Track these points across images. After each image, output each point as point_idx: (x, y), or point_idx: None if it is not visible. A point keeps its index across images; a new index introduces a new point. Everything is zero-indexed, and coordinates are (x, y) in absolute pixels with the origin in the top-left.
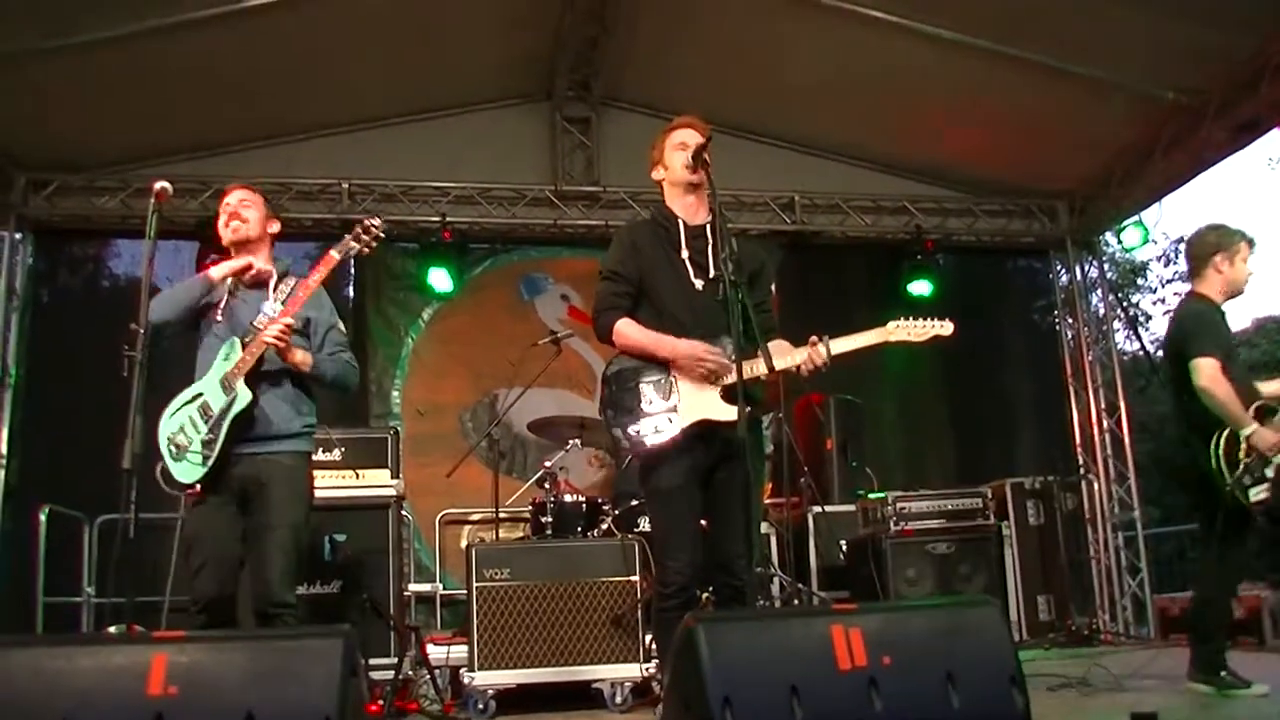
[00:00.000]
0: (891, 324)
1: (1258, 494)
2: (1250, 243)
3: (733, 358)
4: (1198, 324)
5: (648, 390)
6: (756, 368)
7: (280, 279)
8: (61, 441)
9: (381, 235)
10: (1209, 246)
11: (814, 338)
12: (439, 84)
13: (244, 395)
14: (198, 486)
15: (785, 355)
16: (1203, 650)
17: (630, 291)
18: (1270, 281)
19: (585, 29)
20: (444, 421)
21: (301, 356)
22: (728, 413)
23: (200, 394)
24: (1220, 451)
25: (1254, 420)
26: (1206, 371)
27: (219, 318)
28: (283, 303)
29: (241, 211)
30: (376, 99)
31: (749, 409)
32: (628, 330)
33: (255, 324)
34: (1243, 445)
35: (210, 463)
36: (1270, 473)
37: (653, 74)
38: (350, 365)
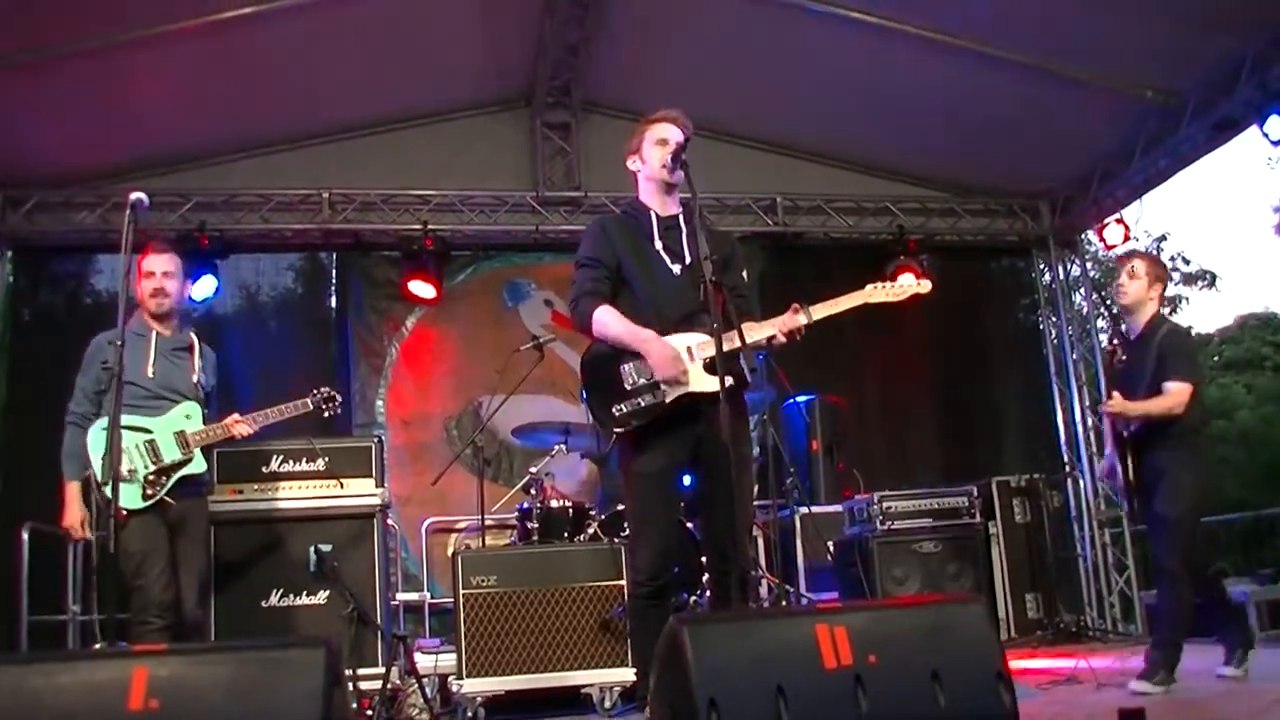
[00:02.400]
0: (870, 286)
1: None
2: (1118, 260)
3: (712, 333)
4: None
5: (629, 369)
6: (734, 341)
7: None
8: (44, 459)
9: (338, 411)
10: None
11: (795, 305)
12: (419, 92)
13: (200, 463)
14: (124, 511)
15: (759, 330)
16: None
17: (608, 277)
18: (1252, 279)
19: (565, 35)
20: (429, 430)
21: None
22: (711, 384)
23: (150, 432)
24: None
25: None
26: None
27: (150, 374)
28: (201, 366)
29: (166, 285)
30: (356, 107)
31: (731, 380)
32: (607, 319)
33: (199, 394)
34: None
35: (151, 501)
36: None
37: (633, 79)
38: None
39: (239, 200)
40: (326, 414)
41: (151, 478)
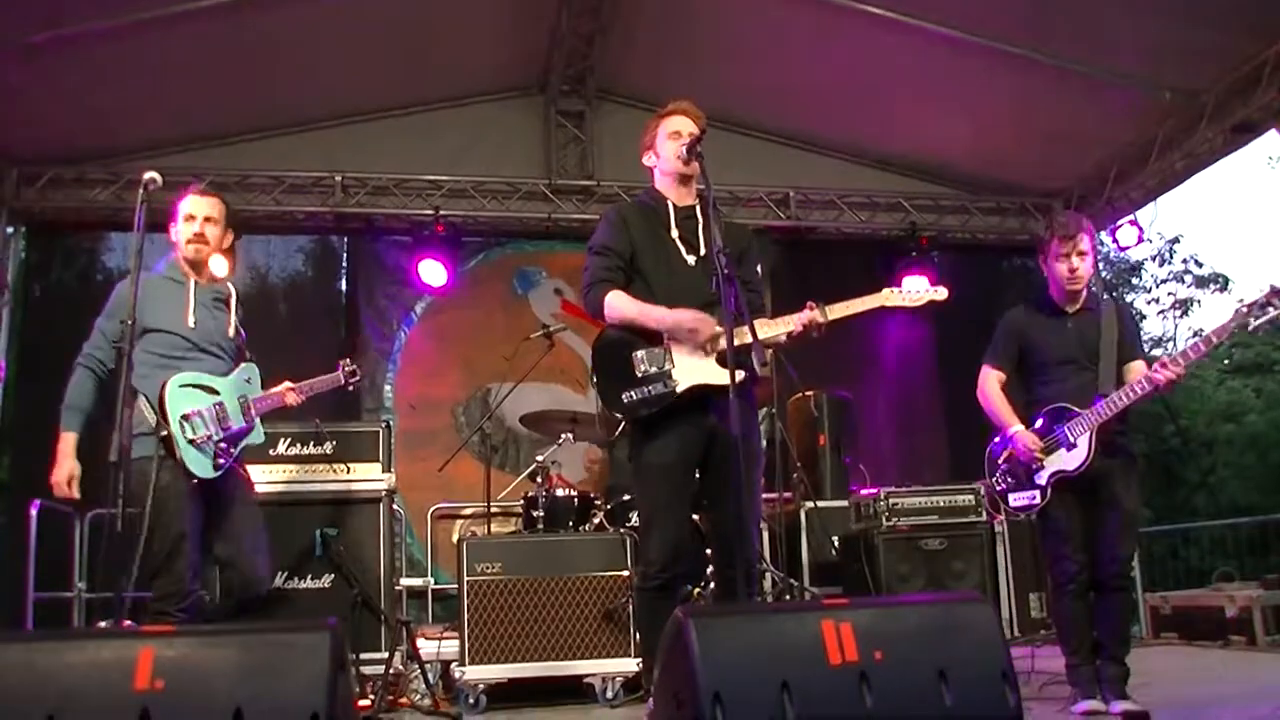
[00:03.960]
0: (887, 290)
1: (1019, 500)
2: (1063, 238)
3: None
4: (999, 329)
5: (641, 357)
6: (748, 335)
7: (231, 297)
8: (53, 436)
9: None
10: (1038, 247)
11: (810, 303)
12: (433, 77)
13: (260, 434)
14: (196, 479)
15: (775, 326)
16: None
17: (622, 266)
18: (1263, 283)
19: (581, 23)
20: (437, 416)
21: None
22: (725, 377)
23: (218, 394)
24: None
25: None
26: (979, 379)
27: (191, 324)
28: (238, 322)
29: (206, 231)
30: (371, 92)
31: (742, 373)
32: (619, 302)
33: (237, 344)
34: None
35: (220, 472)
36: (1042, 480)
37: (648, 68)
38: None
39: (251, 181)
40: (350, 387)
41: (223, 446)
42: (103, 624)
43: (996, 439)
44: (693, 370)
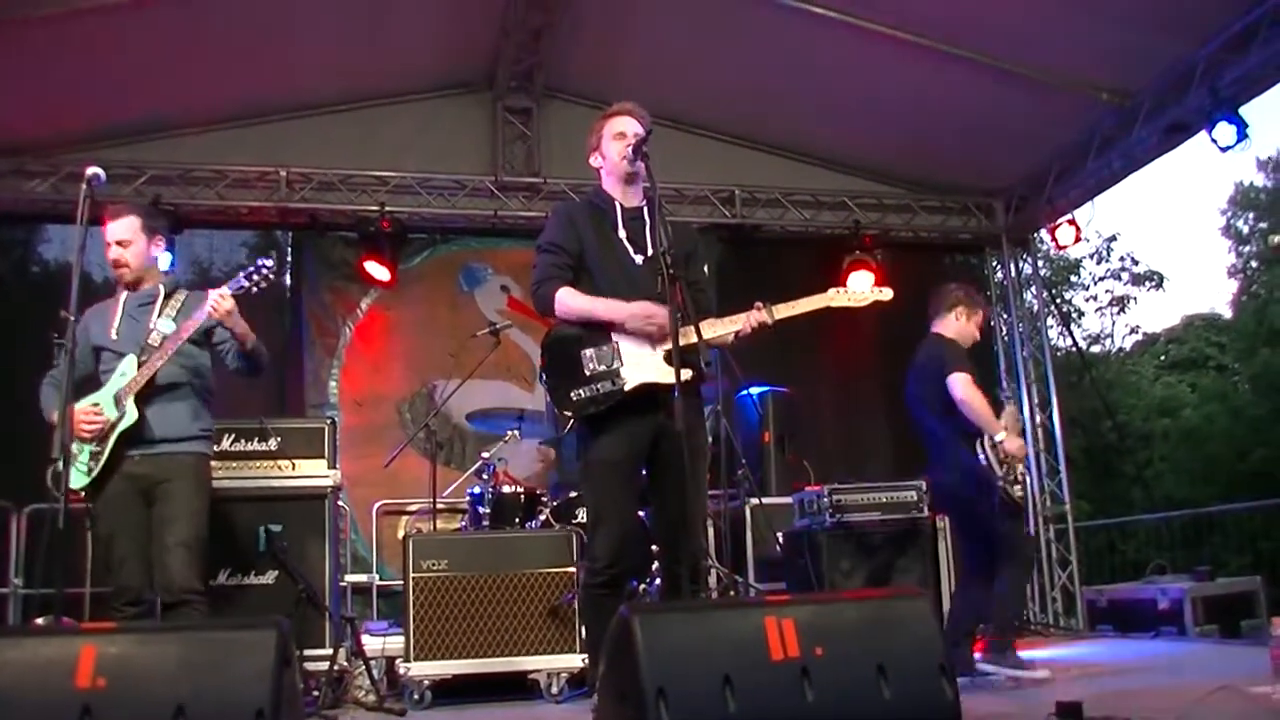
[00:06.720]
0: (832, 290)
1: (1021, 490)
2: (986, 312)
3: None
4: (950, 349)
5: (590, 355)
6: (692, 336)
7: (169, 295)
8: None
9: (271, 278)
10: (956, 299)
11: (758, 303)
12: (380, 71)
13: (131, 414)
14: (82, 494)
15: (722, 326)
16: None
17: (570, 264)
18: (1198, 281)
19: (529, 19)
20: (382, 412)
21: (243, 328)
22: (670, 375)
23: (97, 405)
24: (989, 452)
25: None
26: (963, 386)
27: (114, 336)
28: (174, 319)
29: (122, 256)
30: (316, 86)
31: (690, 372)
32: (570, 298)
33: (149, 341)
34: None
35: (94, 474)
36: (1018, 475)
37: (596, 66)
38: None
39: (194, 175)
40: (261, 286)
41: (96, 450)
42: (40, 621)
43: (982, 444)
44: (641, 369)
